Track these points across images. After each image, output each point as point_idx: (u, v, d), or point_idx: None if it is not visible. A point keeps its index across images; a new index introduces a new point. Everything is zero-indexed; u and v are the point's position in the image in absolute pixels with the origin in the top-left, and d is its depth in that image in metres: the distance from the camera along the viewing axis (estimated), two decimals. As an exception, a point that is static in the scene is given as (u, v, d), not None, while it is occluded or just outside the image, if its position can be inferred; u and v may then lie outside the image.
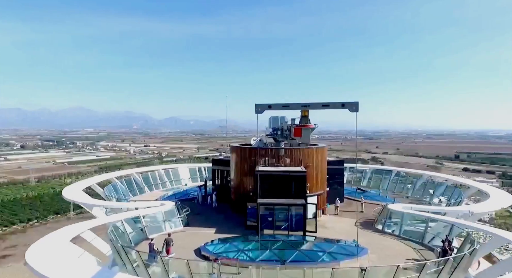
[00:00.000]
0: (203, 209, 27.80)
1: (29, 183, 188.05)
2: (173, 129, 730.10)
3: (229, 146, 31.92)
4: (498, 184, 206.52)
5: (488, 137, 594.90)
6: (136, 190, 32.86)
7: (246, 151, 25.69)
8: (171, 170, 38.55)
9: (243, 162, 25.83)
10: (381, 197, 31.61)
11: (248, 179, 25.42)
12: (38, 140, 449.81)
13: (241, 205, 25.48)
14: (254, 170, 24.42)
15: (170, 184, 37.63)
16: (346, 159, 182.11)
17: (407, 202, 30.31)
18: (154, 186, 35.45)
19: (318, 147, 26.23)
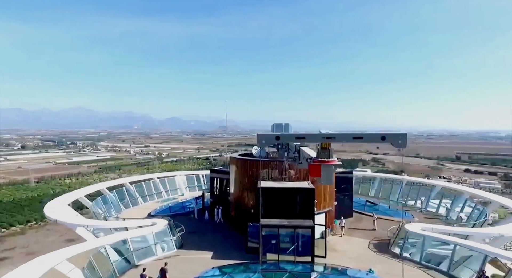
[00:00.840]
0: (199, 225, 25.22)
1: (29, 184, 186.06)
2: (173, 129, 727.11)
3: (229, 154, 29.31)
4: (500, 185, 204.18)
5: (489, 138, 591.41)
6: (129, 202, 30.32)
7: (247, 163, 23.12)
8: (167, 179, 35.97)
9: (244, 175, 23.30)
10: (393, 211, 28.86)
11: (249, 194, 22.92)
12: (38, 140, 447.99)
13: (241, 222, 23.02)
14: (255, 184, 21.95)
15: (166, 194, 35.11)
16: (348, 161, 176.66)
17: (422, 217, 27.77)
18: (149, 197, 32.88)
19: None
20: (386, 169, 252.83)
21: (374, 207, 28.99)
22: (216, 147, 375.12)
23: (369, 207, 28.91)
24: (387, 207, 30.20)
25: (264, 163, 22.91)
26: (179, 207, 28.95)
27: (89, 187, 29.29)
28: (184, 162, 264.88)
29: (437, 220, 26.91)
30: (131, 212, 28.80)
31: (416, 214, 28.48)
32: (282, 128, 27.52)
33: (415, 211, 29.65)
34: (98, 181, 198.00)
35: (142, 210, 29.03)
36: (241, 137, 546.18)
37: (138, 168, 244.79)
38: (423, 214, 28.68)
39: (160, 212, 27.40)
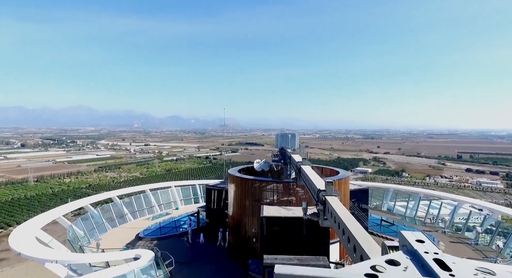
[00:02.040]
0: (193, 252, 21.54)
1: (28, 183, 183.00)
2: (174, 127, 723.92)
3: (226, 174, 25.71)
4: (502, 185, 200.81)
5: (490, 137, 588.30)
6: (116, 220, 26.80)
7: (248, 183, 19.51)
8: (160, 191, 32.36)
9: (244, 196, 19.75)
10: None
11: (250, 220, 19.43)
12: (38, 139, 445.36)
13: (240, 250, 19.62)
14: (258, 208, 18.52)
15: (158, 208, 31.67)
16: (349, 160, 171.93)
17: (447, 240, 24.20)
18: (139, 213, 29.40)
19: (341, 178, 20.16)
20: (387, 169, 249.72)
21: (391, 228, 25.36)
22: (216, 145, 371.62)
23: (385, 228, 25.39)
24: (405, 226, 26.44)
25: (268, 183, 19.39)
26: (171, 227, 25.36)
27: (70, 204, 25.76)
28: (184, 161, 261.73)
29: (466, 246, 23.25)
30: (117, 233, 25.29)
31: (439, 236, 24.92)
32: (287, 139, 24.03)
33: (437, 232, 26.03)
34: (97, 181, 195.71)
35: (130, 230, 25.53)
36: (241, 136, 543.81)
37: (138, 167, 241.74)
38: (448, 237, 25.07)
39: (149, 234, 23.86)
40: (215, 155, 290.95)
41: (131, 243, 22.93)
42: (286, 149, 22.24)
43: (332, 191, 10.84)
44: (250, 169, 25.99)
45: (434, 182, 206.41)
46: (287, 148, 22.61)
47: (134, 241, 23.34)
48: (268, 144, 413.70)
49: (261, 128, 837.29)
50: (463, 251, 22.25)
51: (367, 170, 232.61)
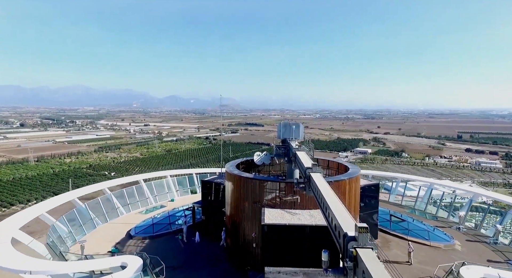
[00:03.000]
0: (188, 254, 19.64)
1: (29, 163, 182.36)
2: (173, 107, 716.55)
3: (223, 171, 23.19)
4: (501, 165, 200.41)
5: (491, 116, 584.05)
6: (106, 215, 24.83)
7: (247, 182, 17.17)
8: (154, 183, 30.15)
9: (243, 197, 17.47)
10: (427, 231, 22.28)
11: (249, 223, 17.33)
12: (37, 118, 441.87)
13: (239, 254, 17.78)
14: (258, 210, 16.42)
15: (153, 200, 29.71)
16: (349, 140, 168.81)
17: (462, 238, 22.29)
18: (131, 206, 27.46)
19: (351, 177, 17.97)
20: (386, 149, 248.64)
21: (401, 224, 23.39)
22: (216, 126, 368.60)
23: (395, 223, 23.46)
24: (417, 222, 24.30)
25: (270, 183, 17.06)
26: (165, 223, 23.42)
27: (55, 199, 23.62)
28: (184, 142, 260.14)
29: (485, 245, 21.28)
30: (107, 230, 23.32)
31: (453, 233, 23.02)
32: (291, 130, 21.42)
33: (451, 228, 24.11)
34: (98, 161, 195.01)
35: (120, 226, 23.62)
36: (241, 116, 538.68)
37: (138, 147, 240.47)
38: (462, 233, 23.22)
39: (141, 233, 21.93)
40: (215, 136, 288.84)
41: (121, 243, 21.07)
42: (290, 142, 19.70)
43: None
44: (250, 163, 23.65)
45: (434, 162, 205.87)
46: (291, 140, 20.08)
47: (124, 240, 21.47)
48: (268, 124, 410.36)
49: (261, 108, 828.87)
50: (482, 251, 20.41)
51: (367, 151, 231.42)
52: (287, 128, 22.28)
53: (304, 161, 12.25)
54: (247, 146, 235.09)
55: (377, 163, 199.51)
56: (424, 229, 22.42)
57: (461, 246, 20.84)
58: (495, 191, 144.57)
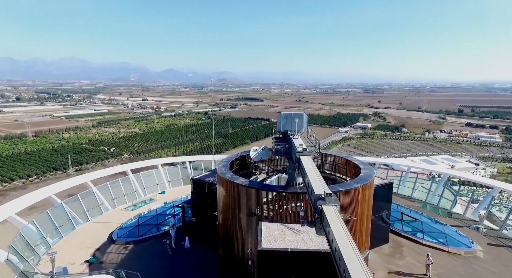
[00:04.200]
0: (175, 266, 17.10)
1: (27, 138, 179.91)
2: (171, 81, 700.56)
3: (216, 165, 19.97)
4: (501, 139, 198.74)
5: (493, 89, 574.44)
6: (87, 213, 22.17)
7: (242, 190, 14.08)
8: (143, 174, 27.25)
9: (237, 207, 14.54)
10: (443, 233, 19.44)
11: (244, 236, 14.64)
12: (33, 92, 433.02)
13: (233, 269, 15.36)
14: (254, 223, 13.71)
15: (142, 192, 27.08)
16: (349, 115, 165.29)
17: (484, 241, 19.83)
18: (117, 201, 24.79)
19: (365, 183, 14.96)
20: (386, 124, 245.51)
21: (414, 225, 20.77)
22: (215, 101, 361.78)
23: (407, 224, 20.99)
24: (432, 222, 21.38)
25: (268, 192, 14.06)
26: (152, 224, 20.71)
27: (28, 197, 20.87)
28: (183, 117, 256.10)
29: (509, 251, 18.75)
30: (87, 231, 20.48)
31: (471, 234, 20.50)
32: (293, 121, 18.16)
33: (469, 228, 21.48)
34: (96, 136, 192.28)
35: (102, 227, 21.04)
36: (240, 91, 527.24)
37: (136, 122, 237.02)
38: (483, 235, 20.67)
39: (124, 236, 19.30)
40: (214, 111, 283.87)
41: (101, 249, 18.63)
42: (292, 138, 16.51)
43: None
44: (245, 158, 20.62)
45: (433, 137, 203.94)
46: (293, 135, 16.89)
47: (106, 245, 19.03)
48: (267, 99, 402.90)
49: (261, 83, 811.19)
50: (508, 260, 17.99)
51: (367, 126, 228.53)
52: (288, 119, 18.97)
53: (313, 182, 9.17)
54: (247, 122, 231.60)
55: (376, 138, 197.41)
56: (441, 231, 19.94)
57: (483, 252, 18.46)
58: (494, 165, 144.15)
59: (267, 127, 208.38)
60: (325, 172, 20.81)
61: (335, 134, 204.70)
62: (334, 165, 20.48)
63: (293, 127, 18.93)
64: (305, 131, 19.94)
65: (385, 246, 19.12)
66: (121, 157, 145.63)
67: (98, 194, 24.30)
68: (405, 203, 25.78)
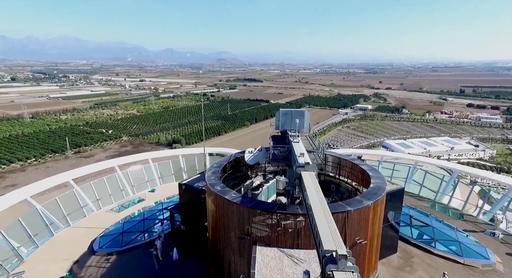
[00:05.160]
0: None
1: (24, 120, 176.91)
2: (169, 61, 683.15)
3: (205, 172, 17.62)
4: (501, 120, 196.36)
5: (496, 69, 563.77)
6: (67, 217, 19.97)
7: (233, 208, 11.85)
8: (130, 171, 24.93)
9: (228, 226, 12.30)
10: (457, 241, 17.48)
11: (235, 259, 12.59)
12: (28, 72, 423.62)
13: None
14: (247, 245, 11.65)
15: (130, 190, 24.96)
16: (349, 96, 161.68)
17: (502, 251, 17.99)
18: (102, 202, 22.67)
19: (376, 199, 12.36)
20: (387, 105, 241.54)
21: (425, 231, 18.78)
22: (214, 82, 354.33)
23: (417, 229, 19.02)
24: (444, 226, 19.29)
25: (263, 212, 11.80)
26: (137, 231, 18.46)
27: (3, 198, 18.65)
28: (181, 98, 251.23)
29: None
30: (65, 239, 18.51)
31: (487, 240, 18.62)
32: (293, 119, 15.68)
33: (484, 234, 19.42)
34: (94, 118, 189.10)
35: (84, 233, 18.97)
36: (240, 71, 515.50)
37: (134, 104, 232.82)
38: (501, 242, 18.67)
39: (106, 246, 17.15)
40: (213, 92, 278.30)
41: (80, 262, 16.71)
42: (292, 141, 14.07)
43: None
44: (239, 160, 18.21)
45: (434, 119, 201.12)
46: (293, 140, 14.45)
47: (85, 257, 17.10)
48: (267, 80, 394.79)
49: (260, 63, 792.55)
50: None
51: (367, 107, 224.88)
52: (288, 117, 16.50)
53: (321, 226, 6.72)
54: (246, 103, 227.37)
55: (376, 120, 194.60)
56: (454, 239, 18.02)
57: (502, 265, 16.60)
58: (493, 147, 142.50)
59: (266, 109, 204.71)
60: (328, 174, 18.58)
61: (335, 116, 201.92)
62: (338, 167, 18.19)
63: (293, 125, 16.53)
64: (307, 131, 17.54)
65: (393, 257, 17.26)
66: (120, 140, 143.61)
67: (81, 194, 22.19)
68: (413, 202, 23.81)
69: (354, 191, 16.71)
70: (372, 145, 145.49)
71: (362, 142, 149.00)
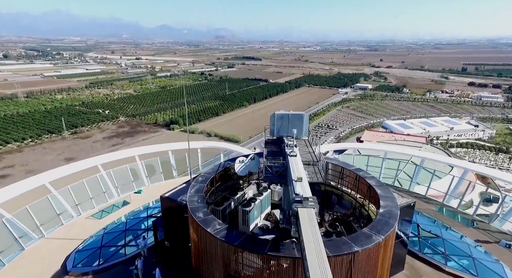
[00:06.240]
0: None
1: (18, 99, 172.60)
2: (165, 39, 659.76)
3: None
4: (503, 99, 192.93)
5: (500, 45, 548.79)
6: (40, 228, 17.68)
7: (217, 244, 9.68)
8: (114, 172, 22.52)
9: (211, 262, 10.23)
10: (471, 256, 15.68)
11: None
12: (21, 49, 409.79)
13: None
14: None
15: (115, 191, 22.77)
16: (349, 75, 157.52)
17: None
18: (82, 207, 20.38)
19: (388, 233, 10.20)
20: (387, 84, 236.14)
21: (435, 243, 16.84)
22: (212, 60, 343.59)
23: (426, 242, 17.02)
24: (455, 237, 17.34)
25: (251, 255, 9.54)
26: (117, 245, 16.34)
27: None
28: (179, 77, 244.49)
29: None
30: (36, 256, 16.21)
31: (501, 253, 16.89)
32: (291, 125, 13.19)
33: (498, 245, 17.58)
34: (90, 98, 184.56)
35: (59, 245, 16.89)
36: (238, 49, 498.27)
37: (131, 83, 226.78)
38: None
39: (80, 265, 15.03)
40: (211, 71, 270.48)
41: (51, 285, 14.89)
42: (289, 154, 11.68)
43: None
44: (229, 169, 15.85)
45: (434, 98, 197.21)
46: (288, 148, 12.05)
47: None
48: (266, 58, 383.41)
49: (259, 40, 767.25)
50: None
51: (367, 87, 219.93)
52: (284, 121, 13.96)
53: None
54: (244, 82, 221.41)
55: (376, 99, 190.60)
56: (468, 254, 16.17)
57: (519, 284, 14.88)
58: (493, 126, 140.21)
59: (266, 89, 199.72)
60: (330, 184, 16.35)
61: (335, 96, 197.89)
62: (341, 177, 15.92)
63: (290, 131, 14.02)
64: (306, 137, 15.06)
65: (400, 275, 15.48)
66: (117, 120, 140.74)
67: (59, 199, 20.07)
68: (419, 204, 21.78)
69: (359, 207, 14.56)
70: (372, 125, 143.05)
71: (362, 123, 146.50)
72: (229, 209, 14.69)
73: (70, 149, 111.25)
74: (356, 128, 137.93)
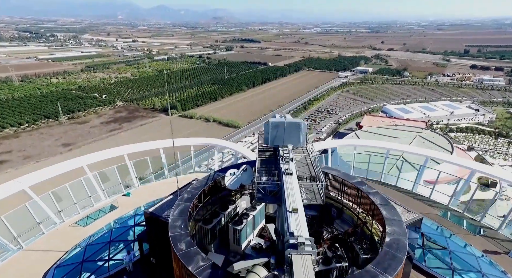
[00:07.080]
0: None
1: (13, 83, 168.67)
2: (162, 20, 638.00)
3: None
4: (504, 82, 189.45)
5: (504, 26, 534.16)
6: (18, 239, 16.37)
7: None
8: (100, 174, 20.90)
9: None
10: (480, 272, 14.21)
11: None
12: (13, 30, 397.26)
13: None
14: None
15: (102, 194, 21.14)
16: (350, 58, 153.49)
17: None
18: (65, 213, 19.02)
19: (397, 270, 8.71)
20: (388, 68, 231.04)
21: (440, 255, 15.71)
22: (210, 42, 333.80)
23: (430, 253, 15.91)
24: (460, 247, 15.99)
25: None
26: (101, 258, 15.20)
27: None
28: (176, 60, 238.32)
29: None
30: (10, 272, 15.18)
31: (509, 264, 15.77)
32: (287, 134, 11.57)
33: (508, 256, 16.35)
34: (86, 82, 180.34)
35: (39, 258, 15.67)
36: (236, 31, 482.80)
37: (127, 67, 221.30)
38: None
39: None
40: (209, 54, 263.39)
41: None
42: (284, 169, 10.13)
43: None
44: (218, 183, 14.27)
45: (435, 81, 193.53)
46: (283, 163, 10.50)
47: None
48: (265, 40, 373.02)
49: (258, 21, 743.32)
50: None
51: (368, 70, 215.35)
52: (279, 130, 12.26)
53: None
54: (243, 66, 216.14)
55: (377, 83, 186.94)
56: (477, 269, 14.98)
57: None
58: (494, 110, 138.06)
59: (265, 73, 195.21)
60: (329, 194, 14.89)
61: (335, 79, 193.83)
62: (341, 189, 14.41)
63: (286, 141, 12.40)
64: (303, 146, 13.41)
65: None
66: (114, 105, 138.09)
67: (41, 204, 18.67)
68: (422, 208, 20.58)
69: (361, 225, 13.16)
70: (372, 110, 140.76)
71: (362, 107, 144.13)
72: (219, 226, 13.29)
73: (68, 135, 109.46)
74: (355, 112, 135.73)
